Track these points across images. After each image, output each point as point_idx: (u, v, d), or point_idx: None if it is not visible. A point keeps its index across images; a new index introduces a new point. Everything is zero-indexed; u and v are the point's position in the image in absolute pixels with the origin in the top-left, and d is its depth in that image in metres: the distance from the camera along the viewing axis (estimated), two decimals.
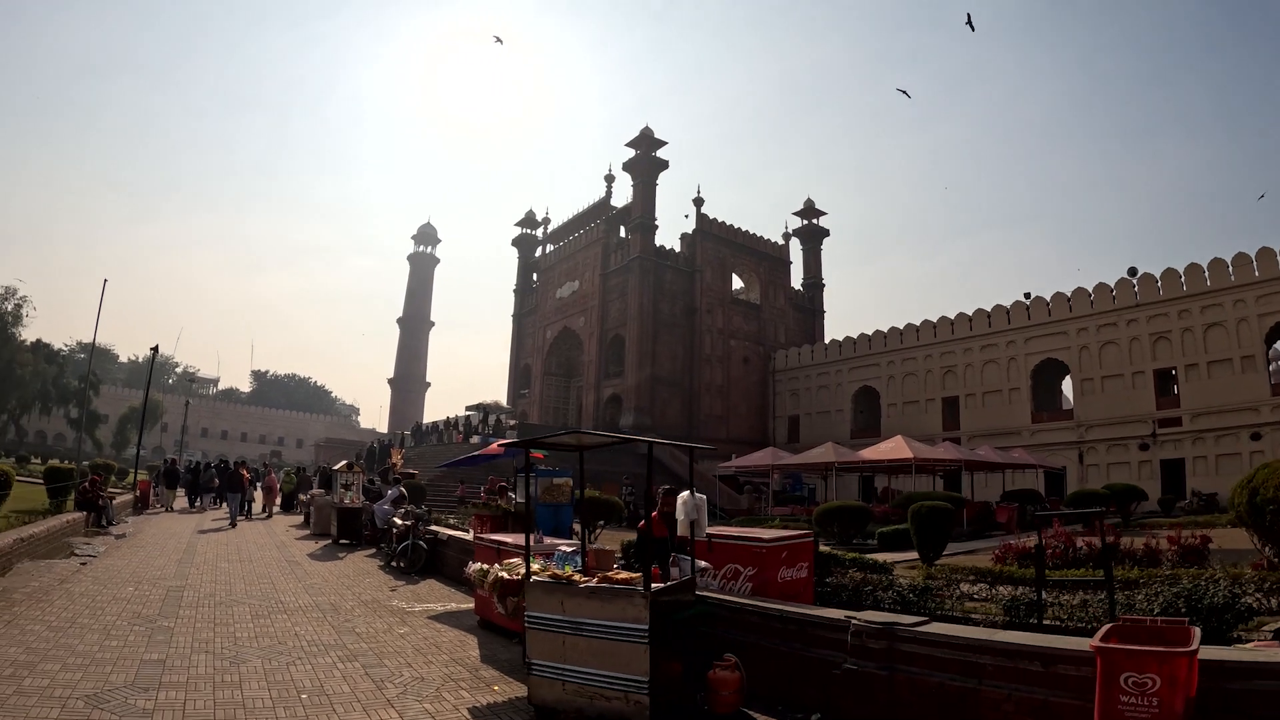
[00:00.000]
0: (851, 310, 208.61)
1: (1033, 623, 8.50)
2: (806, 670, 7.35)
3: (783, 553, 9.68)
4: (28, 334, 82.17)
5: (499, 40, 47.23)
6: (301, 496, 31.90)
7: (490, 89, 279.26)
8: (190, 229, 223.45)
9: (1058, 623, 8.72)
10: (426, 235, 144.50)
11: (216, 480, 33.60)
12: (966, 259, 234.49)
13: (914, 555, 17.65)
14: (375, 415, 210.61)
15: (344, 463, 25.00)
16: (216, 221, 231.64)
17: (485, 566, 9.68)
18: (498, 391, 74.03)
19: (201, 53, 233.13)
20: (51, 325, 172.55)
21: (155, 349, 37.99)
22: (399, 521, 17.14)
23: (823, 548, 12.31)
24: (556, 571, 7.78)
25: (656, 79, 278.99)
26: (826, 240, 70.57)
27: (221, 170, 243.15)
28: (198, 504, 33.90)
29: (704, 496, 8.84)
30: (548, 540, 11.22)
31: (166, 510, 31.34)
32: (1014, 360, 45.78)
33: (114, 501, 23.52)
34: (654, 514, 8.69)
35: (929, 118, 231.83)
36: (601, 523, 20.51)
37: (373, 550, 19.66)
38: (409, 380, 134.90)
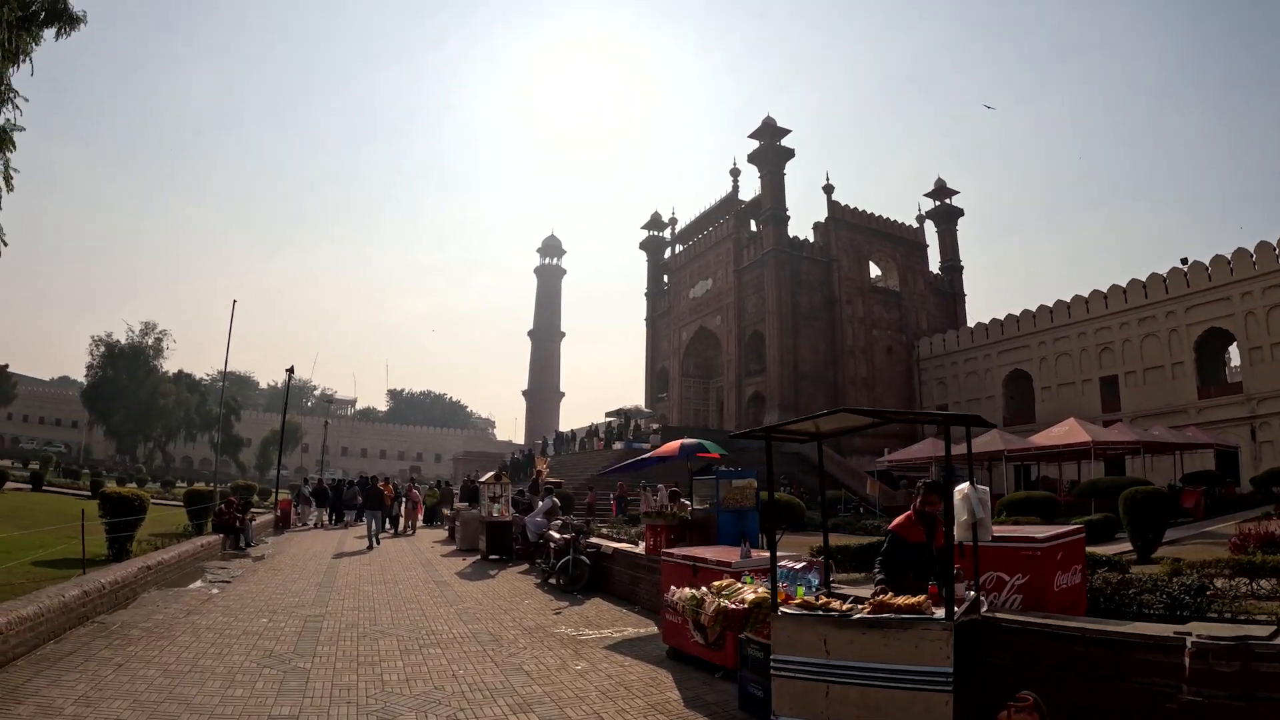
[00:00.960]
0: (989, 291, 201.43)
1: None
2: (1125, 705, 5.34)
3: (1058, 554, 7.41)
4: (169, 366, 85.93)
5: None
6: (445, 511, 30.76)
7: (598, 100, 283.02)
8: (317, 259, 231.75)
9: None
10: (551, 247, 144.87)
11: (359, 498, 32.72)
12: (1095, 233, 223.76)
13: (1121, 548, 15.27)
14: (511, 427, 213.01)
15: (491, 474, 23.51)
16: (342, 251, 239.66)
17: (696, 594, 7.62)
18: (633, 398, 72.91)
19: (317, 93, 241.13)
20: (191, 358, 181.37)
21: (290, 370, 37.70)
22: (556, 535, 15.44)
23: None
24: (808, 599, 5.73)
25: (761, 76, 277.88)
26: (961, 220, 66.98)
27: (343, 202, 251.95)
28: (342, 521, 33.23)
29: (986, 489, 6.67)
30: (756, 554, 9.22)
31: (313, 526, 30.98)
32: (1175, 332, 41.63)
33: (253, 522, 22.54)
34: (908, 513, 6.61)
35: (1039, 89, 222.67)
36: (784, 526, 18.36)
37: (525, 566, 18.02)
38: (543, 391, 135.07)
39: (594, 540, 15.66)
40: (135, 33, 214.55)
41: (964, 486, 6.29)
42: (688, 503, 13.38)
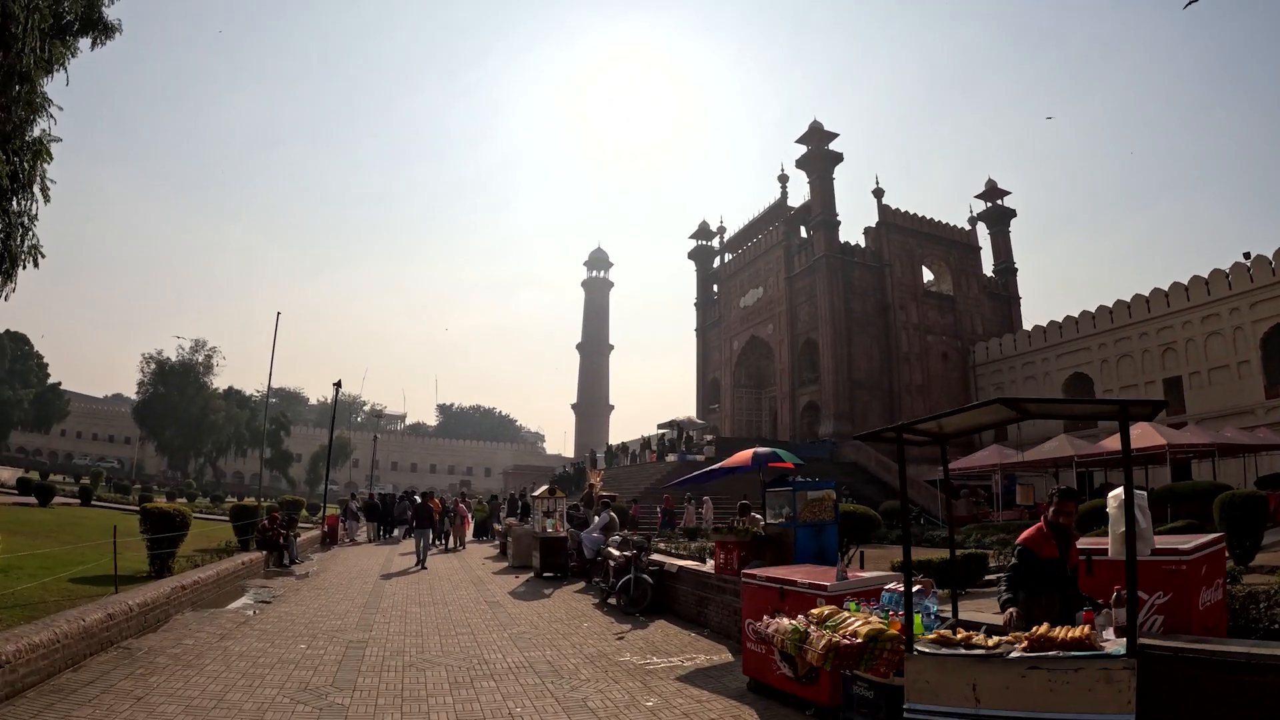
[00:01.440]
0: (1042, 294, 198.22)
1: None
2: None
3: (1202, 567, 6.38)
4: (219, 382, 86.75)
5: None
6: (496, 525, 29.90)
7: (639, 112, 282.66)
8: (365, 277, 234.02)
9: None
10: (598, 260, 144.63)
11: (409, 512, 32.05)
12: (1146, 230, 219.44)
13: None
14: (560, 441, 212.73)
15: (544, 487, 22.49)
16: (389, 268, 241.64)
17: (798, 626, 6.64)
18: (682, 410, 71.54)
19: (360, 114, 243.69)
20: (241, 375, 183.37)
21: (338, 384, 37.31)
22: (615, 552, 14.53)
23: None
24: (944, 633, 4.76)
25: (803, 84, 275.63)
26: (1014, 221, 65.26)
27: (388, 221, 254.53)
28: (391, 536, 32.63)
29: (1144, 493, 5.65)
30: (852, 574, 8.27)
31: (361, 542, 30.50)
32: (1240, 330, 39.83)
33: (298, 539, 21.88)
34: (1038, 525, 5.63)
35: (1081, 91, 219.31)
36: (847, 542, 17.21)
37: (582, 584, 17.09)
38: (592, 404, 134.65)
39: (656, 558, 14.66)
40: (178, 54, 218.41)
41: (1119, 491, 5.29)
42: (759, 517, 12.38)
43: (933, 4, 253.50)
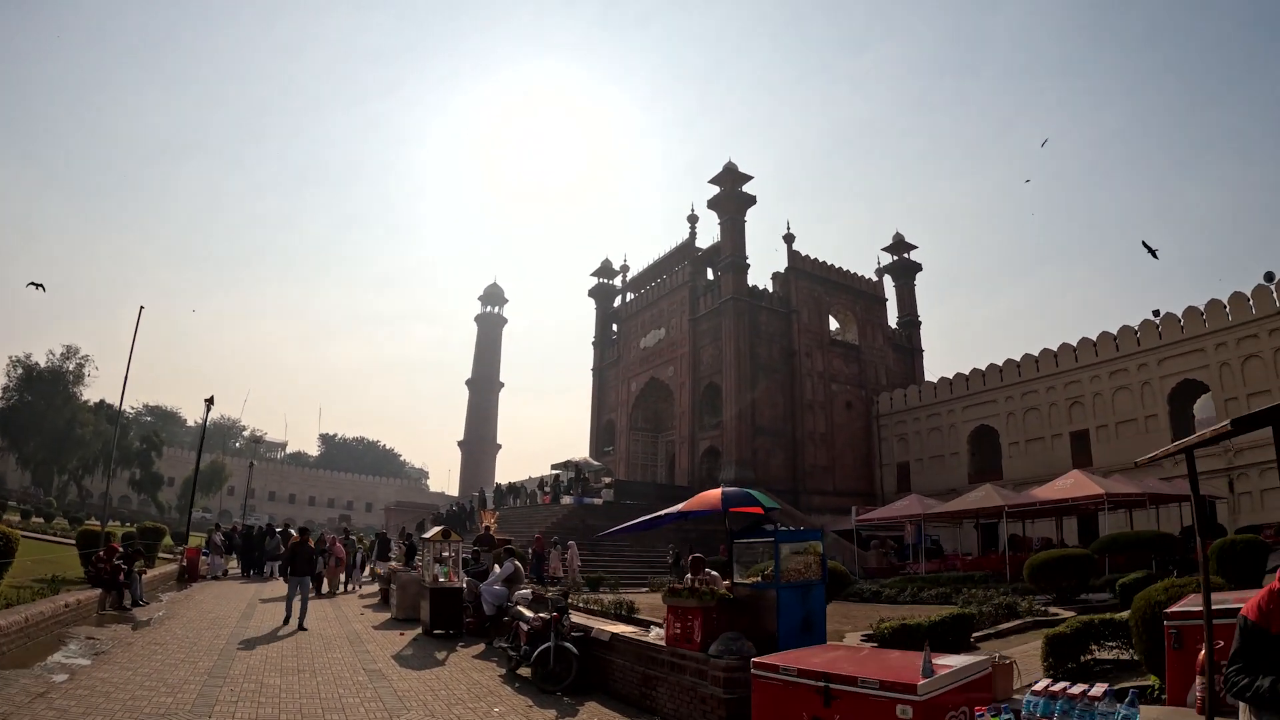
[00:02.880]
0: (944, 349, 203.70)
1: None
2: None
3: None
4: (91, 394, 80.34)
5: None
6: (378, 569, 27.25)
7: (547, 153, 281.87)
8: (258, 301, 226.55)
9: None
10: (493, 295, 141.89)
11: (282, 548, 29.02)
12: (1026, 301, 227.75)
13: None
14: (444, 479, 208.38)
15: (437, 528, 19.70)
16: (283, 293, 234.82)
17: None
18: (574, 451, 69.37)
19: (267, 135, 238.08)
20: (118, 392, 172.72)
21: (210, 401, 33.92)
22: (528, 612, 12.27)
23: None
24: None
25: (713, 133, 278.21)
26: (919, 275, 65.72)
27: (287, 245, 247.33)
28: (264, 572, 29.73)
29: None
30: (941, 661, 5.78)
31: (224, 578, 27.71)
32: (1148, 385, 40.85)
33: (144, 576, 19.15)
34: (1267, 590, 3.90)
35: (972, 163, 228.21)
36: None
37: (481, 646, 14.83)
38: (479, 442, 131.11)
39: (578, 619, 12.52)
40: (94, 56, 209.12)
41: None
42: (714, 573, 10.40)
43: (839, 70, 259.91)
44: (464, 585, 16.92)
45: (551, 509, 42.57)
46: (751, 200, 55.62)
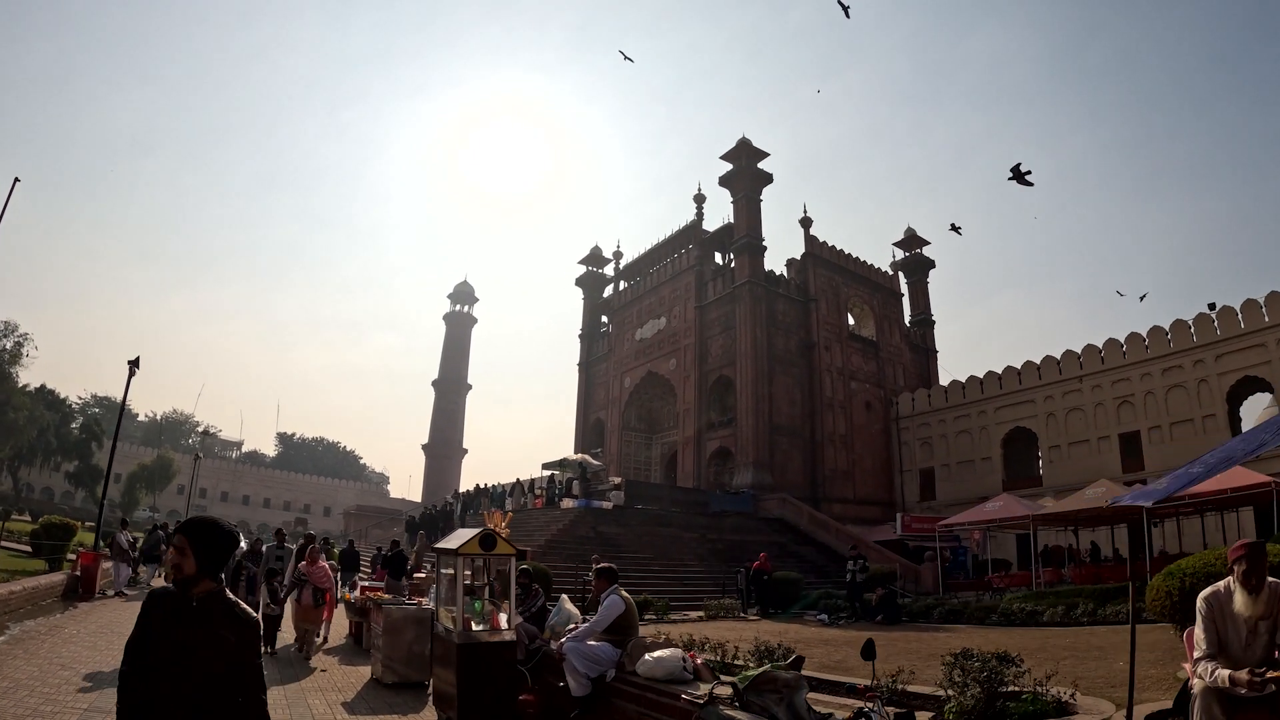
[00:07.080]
0: (951, 351, 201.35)
1: None
2: None
3: None
4: (32, 379, 72.31)
5: (626, 58, 33.79)
6: (346, 594, 18.02)
7: (519, 161, 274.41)
8: (220, 301, 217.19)
9: None
10: (463, 294, 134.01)
11: (163, 547, 22.44)
12: (987, 321, 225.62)
13: None
14: (405, 484, 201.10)
15: (470, 535, 7.72)
16: (246, 294, 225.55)
17: None
18: (548, 458, 63.14)
19: (235, 136, 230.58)
20: (67, 382, 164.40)
21: (134, 363, 25.84)
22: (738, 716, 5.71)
23: None
24: None
25: (706, 127, 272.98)
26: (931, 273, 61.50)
27: (253, 246, 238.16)
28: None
29: None
30: None
31: (135, 594, 21.25)
32: (1204, 382, 37.56)
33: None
34: None
35: (937, 185, 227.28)
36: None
37: None
38: (444, 446, 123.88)
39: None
40: (66, 49, 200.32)
41: None
42: None
43: (802, 96, 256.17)
44: (516, 631, 9.32)
45: (549, 514, 36.18)
46: (768, 178, 50.74)
